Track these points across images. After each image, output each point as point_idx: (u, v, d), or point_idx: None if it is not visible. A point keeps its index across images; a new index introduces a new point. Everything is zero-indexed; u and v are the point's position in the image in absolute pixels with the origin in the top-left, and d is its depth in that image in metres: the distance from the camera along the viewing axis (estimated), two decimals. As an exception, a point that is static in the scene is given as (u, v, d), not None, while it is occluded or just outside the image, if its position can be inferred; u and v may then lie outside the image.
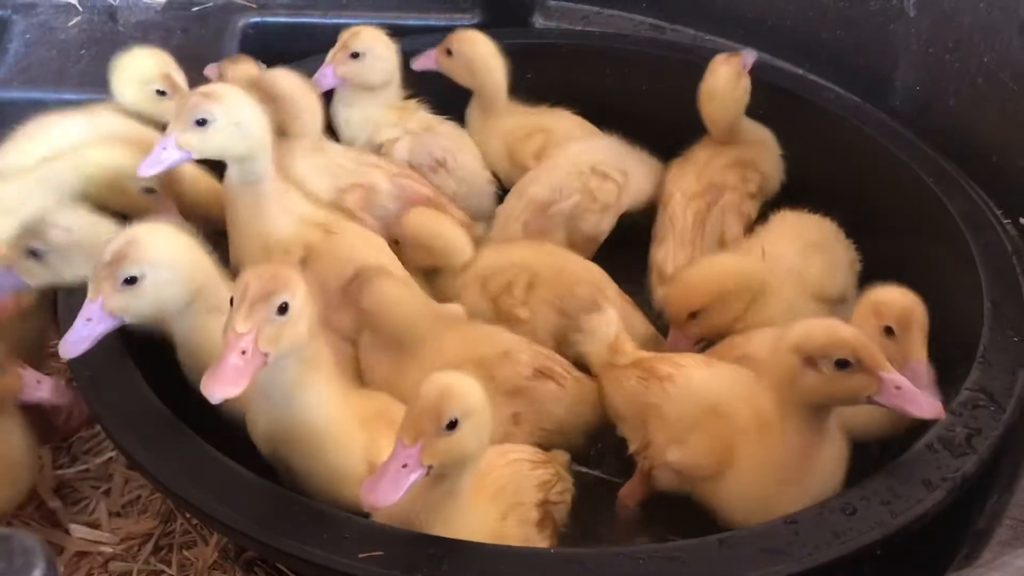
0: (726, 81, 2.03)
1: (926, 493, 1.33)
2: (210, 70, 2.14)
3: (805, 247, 1.88)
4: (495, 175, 2.22)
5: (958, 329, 1.63)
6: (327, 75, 2.05)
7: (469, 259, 1.88)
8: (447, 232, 1.89)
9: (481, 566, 1.22)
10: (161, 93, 1.95)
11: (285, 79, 1.94)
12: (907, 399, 1.34)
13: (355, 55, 2.06)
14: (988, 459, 1.39)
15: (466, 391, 1.24)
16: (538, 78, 2.33)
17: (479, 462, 1.30)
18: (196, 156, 1.62)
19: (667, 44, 2.38)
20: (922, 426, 1.44)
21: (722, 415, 1.49)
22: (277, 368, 1.30)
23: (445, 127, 2.20)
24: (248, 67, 2.12)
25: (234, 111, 1.62)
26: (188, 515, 1.66)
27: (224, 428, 1.48)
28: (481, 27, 2.41)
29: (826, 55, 2.25)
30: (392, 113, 2.16)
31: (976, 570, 1.25)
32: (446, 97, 2.22)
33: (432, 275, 1.91)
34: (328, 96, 2.08)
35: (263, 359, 1.25)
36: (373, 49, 2.08)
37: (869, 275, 1.95)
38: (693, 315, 1.75)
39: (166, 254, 1.42)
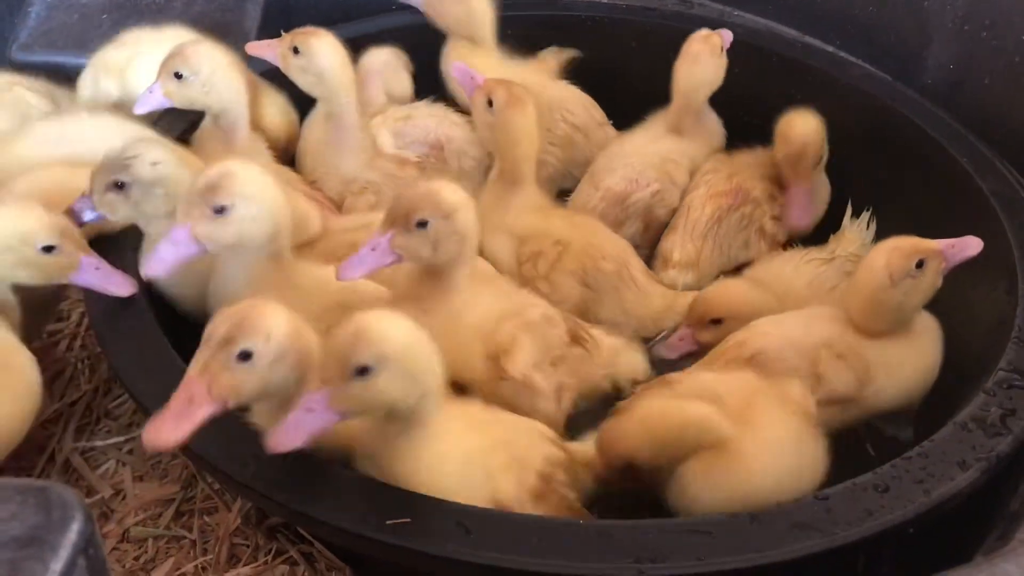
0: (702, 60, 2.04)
1: (960, 472, 1.31)
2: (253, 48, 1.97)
3: None
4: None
5: (993, 310, 1.61)
6: None
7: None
8: None
9: (510, 535, 1.20)
10: None
11: None
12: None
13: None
14: (1023, 439, 1.37)
15: (386, 333, 1.18)
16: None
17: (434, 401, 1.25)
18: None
19: (694, 18, 2.35)
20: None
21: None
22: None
23: (421, 110, 2.16)
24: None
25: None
26: (210, 480, 1.65)
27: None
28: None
29: (857, 31, 2.22)
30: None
31: (1009, 552, 1.24)
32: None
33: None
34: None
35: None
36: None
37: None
38: (716, 321, 1.73)
39: (256, 190, 1.48)
